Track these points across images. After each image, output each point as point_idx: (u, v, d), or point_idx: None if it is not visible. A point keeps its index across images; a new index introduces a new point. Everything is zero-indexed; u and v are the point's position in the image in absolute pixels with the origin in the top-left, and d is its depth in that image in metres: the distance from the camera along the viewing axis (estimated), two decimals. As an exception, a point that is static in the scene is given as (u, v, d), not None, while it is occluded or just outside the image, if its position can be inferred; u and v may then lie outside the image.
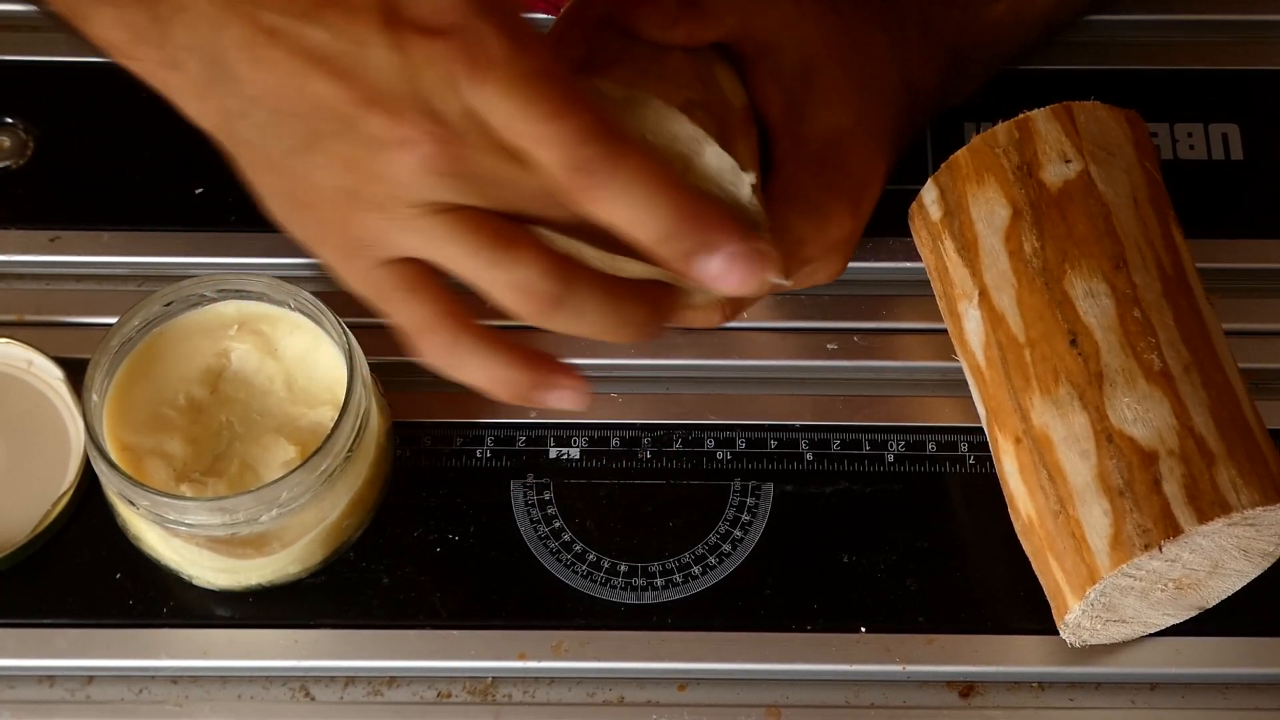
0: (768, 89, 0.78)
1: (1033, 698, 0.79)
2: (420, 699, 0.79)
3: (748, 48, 0.78)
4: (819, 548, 0.82)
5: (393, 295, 0.67)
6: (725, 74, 0.77)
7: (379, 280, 0.66)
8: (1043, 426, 0.75)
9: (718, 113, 0.74)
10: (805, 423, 0.85)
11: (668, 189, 0.63)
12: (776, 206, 0.76)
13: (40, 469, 0.83)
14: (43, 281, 0.89)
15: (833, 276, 0.81)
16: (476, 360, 0.67)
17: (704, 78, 0.75)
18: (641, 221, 0.64)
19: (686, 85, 0.73)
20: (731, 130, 0.74)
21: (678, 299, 0.69)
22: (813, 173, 0.78)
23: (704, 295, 0.73)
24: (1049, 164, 0.79)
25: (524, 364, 0.67)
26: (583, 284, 0.65)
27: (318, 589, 0.81)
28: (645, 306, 0.67)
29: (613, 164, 0.62)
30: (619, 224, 0.64)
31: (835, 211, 0.78)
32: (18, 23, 0.96)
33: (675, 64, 0.74)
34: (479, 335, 0.67)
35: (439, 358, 0.67)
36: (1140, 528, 0.73)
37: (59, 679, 0.80)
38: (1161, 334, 0.75)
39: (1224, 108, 0.92)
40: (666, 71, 0.73)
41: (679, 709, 0.79)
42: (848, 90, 0.79)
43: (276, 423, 0.81)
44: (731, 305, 0.77)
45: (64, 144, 0.92)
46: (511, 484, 0.83)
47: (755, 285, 0.66)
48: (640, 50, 0.74)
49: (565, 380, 0.68)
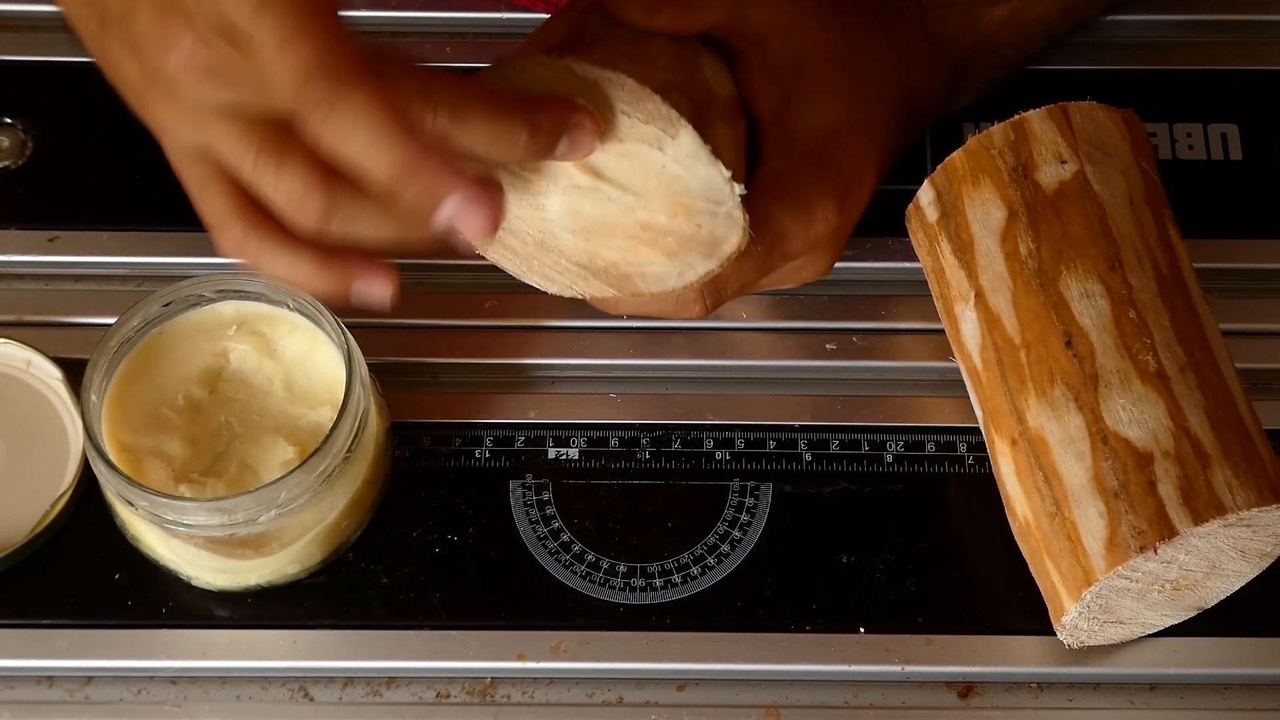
0: (757, 82, 0.78)
1: (1032, 698, 0.79)
2: (419, 699, 0.79)
3: (738, 41, 0.78)
4: (818, 548, 0.82)
5: (195, 188, 0.67)
6: (712, 64, 0.77)
7: (186, 171, 0.67)
8: (1038, 428, 0.75)
9: (696, 97, 0.74)
10: (804, 423, 0.85)
11: (394, 131, 0.62)
12: (761, 199, 0.76)
13: (39, 469, 0.83)
14: (42, 282, 0.89)
15: (820, 274, 0.81)
16: (273, 256, 0.67)
17: (686, 64, 0.75)
18: (368, 162, 0.63)
19: (665, 68, 0.73)
20: (710, 117, 0.74)
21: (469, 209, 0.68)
22: (799, 167, 0.78)
23: (679, 280, 0.73)
24: (1045, 165, 0.79)
25: (325, 259, 0.67)
26: (349, 197, 0.65)
27: (317, 589, 0.81)
28: (421, 219, 0.67)
29: (335, 100, 0.62)
30: (348, 161, 0.63)
31: (820, 206, 0.77)
32: (18, 23, 0.96)
33: (656, 48, 0.74)
34: (275, 233, 0.67)
35: (236, 253, 0.67)
36: (1135, 529, 0.72)
37: (58, 679, 0.80)
38: (1157, 335, 0.75)
39: (1223, 108, 0.92)
40: (646, 54, 0.73)
41: (678, 709, 0.79)
42: (841, 90, 0.79)
43: (275, 423, 0.81)
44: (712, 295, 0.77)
45: (63, 144, 0.92)
46: (510, 484, 0.83)
47: (488, 224, 0.66)
48: (622, 34, 0.74)
49: (368, 271, 0.67)
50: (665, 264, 0.73)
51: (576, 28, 0.75)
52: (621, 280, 0.74)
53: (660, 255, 0.73)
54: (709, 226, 0.72)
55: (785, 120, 0.78)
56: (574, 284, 0.75)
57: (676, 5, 0.75)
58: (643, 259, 0.73)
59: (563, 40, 0.74)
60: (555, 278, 0.75)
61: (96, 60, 0.70)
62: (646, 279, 0.74)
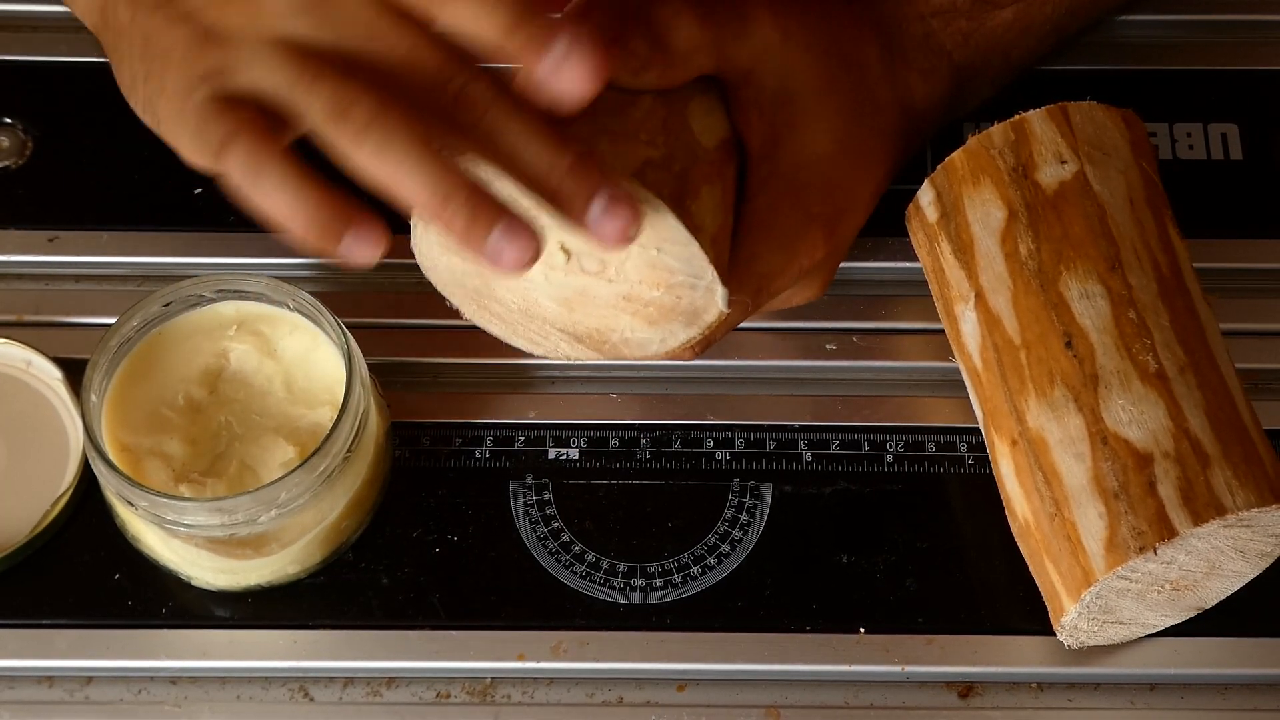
0: (748, 116, 0.77)
1: (1032, 698, 0.79)
2: (419, 699, 0.79)
3: (729, 76, 0.77)
4: (818, 548, 0.82)
5: (213, 115, 0.66)
6: (701, 108, 0.76)
7: (206, 109, 0.66)
8: (1038, 428, 0.75)
9: (679, 166, 0.73)
10: (804, 423, 0.85)
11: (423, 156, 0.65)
12: (745, 238, 0.76)
13: (39, 469, 0.83)
14: (41, 282, 0.89)
15: (812, 299, 0.81)
16: (275, 181, 0.65)
17: (671, 126, 0.74)
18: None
19: (647, 142, 0.73)
20: (693, 181, 0.73)
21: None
22: (785, 200, 0.77)
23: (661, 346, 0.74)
24: (1044, 165, 0.79)
25: (324, 197, 0.65)
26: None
27: (317, 589, 0.81)
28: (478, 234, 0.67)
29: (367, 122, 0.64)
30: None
31: (806, 240, 0.77)
32: (18, 23, 0.96)
33: (640, 116, 0.73)
34: (284, 157, 0.65)
35: (240, 170, 0.66)
36: (1135, 530, 0.72)
37: (58, 679, 0.80)
38: (1157, 335, 0.75)
39: (1223, 108, 0.92)
40: (628, 126, 0.73)
41: (678, 709, 0.79)
42: (831, 113, 0.78)
43: (275, 423, 0.81)
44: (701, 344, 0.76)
45: (63, 144, 0.92)
46: (510, 484, 0.84)
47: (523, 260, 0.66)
48: (605, 101, 0.71)
49: (365, 223, 0.65)
50: (647, 331, 0.74)
51: None
52: (605, 346, 0.75)
53: (642, 323, 0.74)
54: (689, 299, 0.73)
55: (774, 153, 0.77)
56: (559, 347, 0.76)
57: (662, 62, 0.74)
58: (625, 326, 0.74)
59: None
60: (540, 342, 0.77)
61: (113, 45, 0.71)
62: (629, 344, 0.75)
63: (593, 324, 0.75)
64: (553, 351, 0.77)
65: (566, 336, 0.76)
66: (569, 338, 0.76)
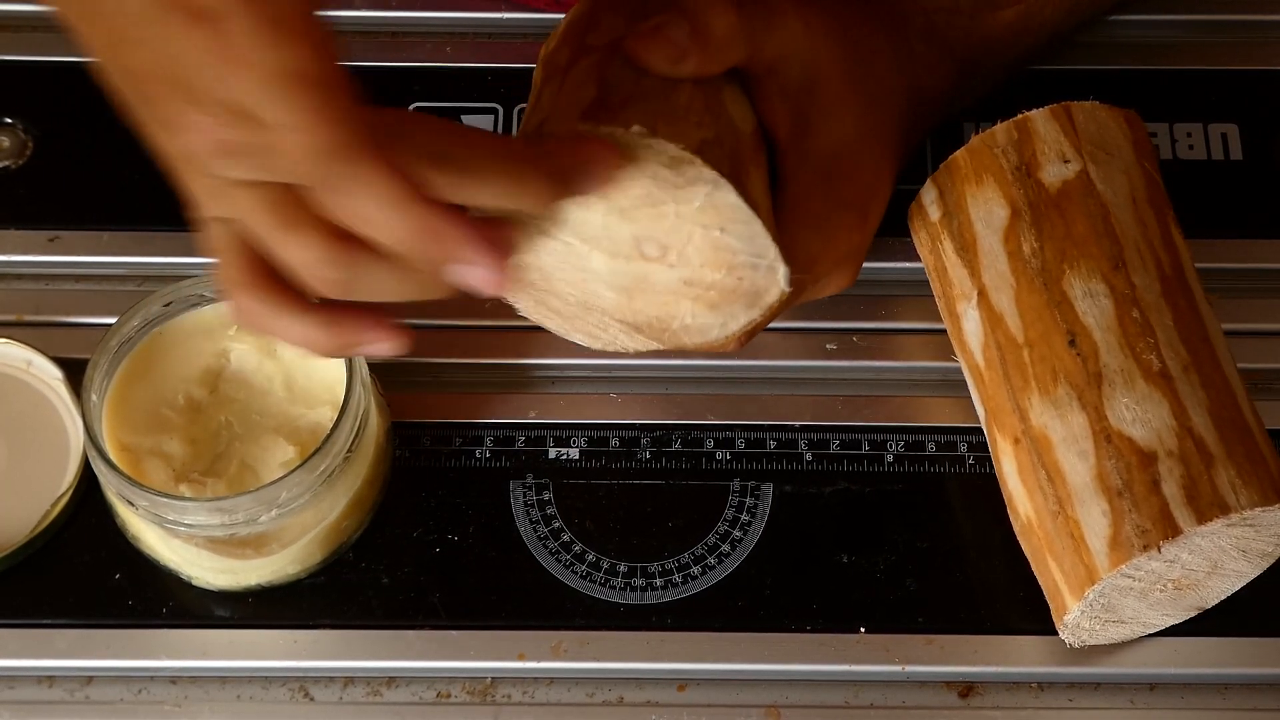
0: (774, 106, 0.78)
1: (1032, 698, 0.79)
2: (419, 699, 0.79)
3: (755, 67, 0.77)
4: (818, 548, 0.82)
5: (213, 253, 0.68)
6: (732, 97, 0.76)
7: (207, 234, 0.68)
8: (1041, 427, 0.75)
9: (730, 146, 0.73)
10: (804, 423, 0.85)
11: (403, 200, 0.63)
12: (784, 225, 0.76)
13: (39, 469, 0.83)
14: (42, 281, 0.89)
15: (843, 287, 0.81)
16: (284, 323, 0.68)
17: (713, 109, 0.74)
18: (379, 233, 0.64)
19: (698, 123, 0.73)
20: (744, 162, 0.74)
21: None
22: (819, 188, 0.78)
23: (721, 331, 0.74)
24: (1048, 164, 0.79)
25: (333, 323, 0.68)
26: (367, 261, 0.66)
27: (317, 589, 0.81)
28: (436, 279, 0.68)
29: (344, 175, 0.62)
30: (361, 232, 0.64)
31: (843, 225, 0.78)
32: (18, 23, 0.96)
33: (685, 100, 0.74)
34: (284, 299, 0.67)
35: (246, 320, 0.68)
36: (1139, 528, 0.73)
37: (58, 679, 0.80)
38: (1160, 334, 0.75)
39: (1223, 108, 0.92)
40: (678, 110, 0.73)
41: (678, 709, 0.79)
42: (852, 100, 0.79)
43: (275, 423, 0.81)
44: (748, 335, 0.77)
45: (64, 144, 0.92)
46: (511, 484, 0.83)
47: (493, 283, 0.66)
48: (649, 86, 0.73)
49: (375, 334, 0.68)
50: (708, 316, 0.74)
51: (600, 81, 0.74)
52: (665, 333, 0.75)
53: (703, 308, 0.73)
54: (750, 279, 0.72)
55: (802, 141, 0.78)
56: (617, 339, 0.76)
57: (701, 52, 0.75)
58: (685, 312, 0.74)
59: (593, 100, 0.73)
60: (599, 334, 0.76)
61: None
62: (689, 331, 0.74)
63: (653, 312, 0.74)
64: (611, 344, 0.76)
65: (626, 327, 0.75)
66: (628, 328, 0.75)
